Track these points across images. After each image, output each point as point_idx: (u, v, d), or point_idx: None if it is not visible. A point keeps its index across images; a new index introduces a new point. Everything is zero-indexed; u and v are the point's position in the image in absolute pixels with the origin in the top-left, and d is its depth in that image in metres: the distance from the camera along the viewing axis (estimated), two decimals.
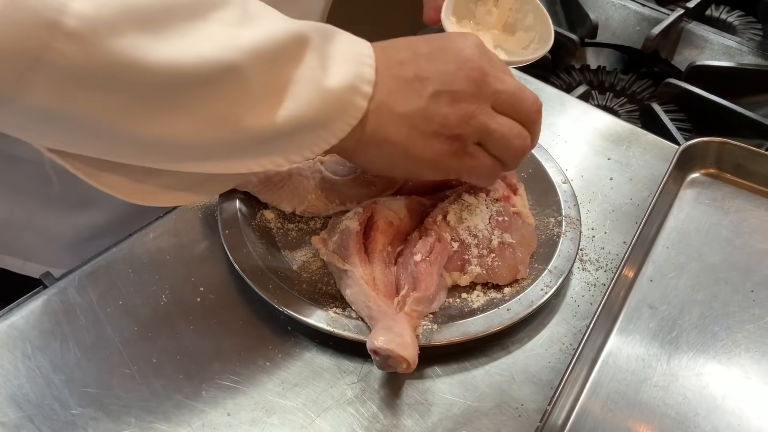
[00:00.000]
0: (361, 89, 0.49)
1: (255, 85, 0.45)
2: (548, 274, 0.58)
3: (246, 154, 0.48)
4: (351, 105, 0.49)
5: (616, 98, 0.95)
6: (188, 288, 0.57)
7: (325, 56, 0.48)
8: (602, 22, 1.01)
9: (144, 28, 0.40)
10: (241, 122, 0.45)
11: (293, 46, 0.46)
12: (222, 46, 0.43)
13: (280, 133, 0.47)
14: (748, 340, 0.58)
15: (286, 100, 0.46)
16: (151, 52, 0.40)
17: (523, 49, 0.71)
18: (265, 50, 0.45)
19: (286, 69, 0.46)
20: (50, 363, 0.52)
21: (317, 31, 0.48)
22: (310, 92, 0.47)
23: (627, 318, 0.59)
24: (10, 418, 0.49)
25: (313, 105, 0.47)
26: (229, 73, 0.43)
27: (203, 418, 0.50)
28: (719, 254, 0.65)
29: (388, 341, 0.49)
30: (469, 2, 0.71)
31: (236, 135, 0.46)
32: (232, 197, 0.61)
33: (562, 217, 0.63)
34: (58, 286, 0.57)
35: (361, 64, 0.49)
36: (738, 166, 0.72)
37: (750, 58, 0.98)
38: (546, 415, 0.49)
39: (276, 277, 0.56)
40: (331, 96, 0.48)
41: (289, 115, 0.46)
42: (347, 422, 0.50)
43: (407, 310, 0.53)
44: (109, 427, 0.49)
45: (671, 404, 0.53)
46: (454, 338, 0.53)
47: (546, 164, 0.68)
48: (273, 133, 0.47)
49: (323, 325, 0.53)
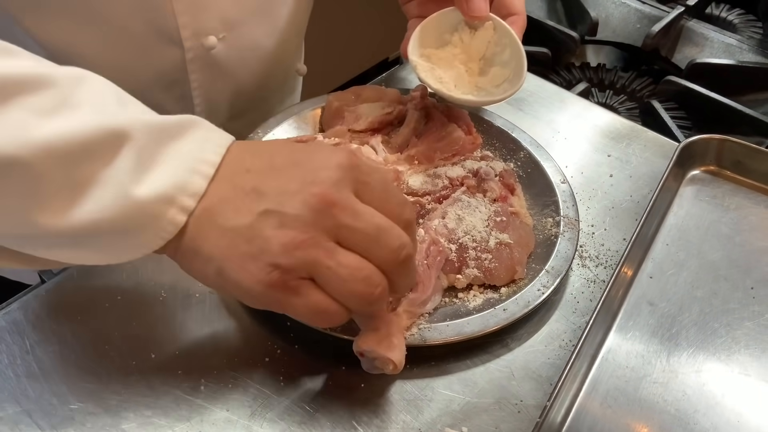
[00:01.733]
0: (178, 201, 0.43)
1: (47, 182, 0.41)
2: (545, 274, 0.58)
3: (60, 248, 0.44)
4: (163, 218, 0.43)
5: (616, 96, 0.95)
6: (187, 283, 0.57)
7: (146, 158, 0.43)
8: (602, 19, 1.01)
9: None
10: (32, 219, 0.41)
11: (102, 144, 0.42)
12: (11, 139, 0.39)
13: (82, 235, 0.43)
14: (747, 337, 0.58)
15: (85, 203, 0.42)
16: None
17: (495, 87, 0.66)
18: (61, 146, 0.40)
19: (90, 168, 0.42)
20: (48, 358, 0.52)
21: (150, 129, 0.43)
22: (114, 197, 0.42)
23: (626, 315, 0.59)
24: (8, 413, 0.48)
25: (113, 211, 0.42)
26: (16, 168, 0.40)
27: (202, 414, 0.50)
28: (719, 251, 0.65)
29: (374, 343, 0.49)
30: (444, 33, 0.67)
31: (33, 231, 0.42)
32: None
33: (560, 217, 0.63)
34: (56, 281, 0.56)
35: (192, 173, 0.44)
36: (738, 164, 0.72)
37: (750, 56, 0.98)
38: (545, 412, 0.49)
39: None
40: (137, 205, 0.42)
41: (84, 217, 0.42)
42: (346, 418, 0.50)
43: (399, 311, 0.53)
44: (108, 422, 0.49)
45: (671, 401, 0.53)
46: (449, 338, 0.53)
47: (544, 164, 0.68)
48: (71, 233, 0.42)
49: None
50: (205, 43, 0.65)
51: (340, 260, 0.43)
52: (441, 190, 0.63)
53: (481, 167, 0.64)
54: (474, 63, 0.67)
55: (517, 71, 0.64)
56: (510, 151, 0.70)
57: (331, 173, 0.44)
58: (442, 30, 0.67)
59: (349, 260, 0.44)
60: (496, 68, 0.66)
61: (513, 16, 0.65)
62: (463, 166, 0.65)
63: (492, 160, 0.67)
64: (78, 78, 0.43)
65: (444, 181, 0.63)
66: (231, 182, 0.45)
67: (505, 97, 0.64)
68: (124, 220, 0.42)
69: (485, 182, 0.63)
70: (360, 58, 1.91)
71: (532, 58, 0.91)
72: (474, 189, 0.63)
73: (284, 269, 0.43)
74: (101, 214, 0.42)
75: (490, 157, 0.67)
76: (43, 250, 0.45)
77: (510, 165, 0.68)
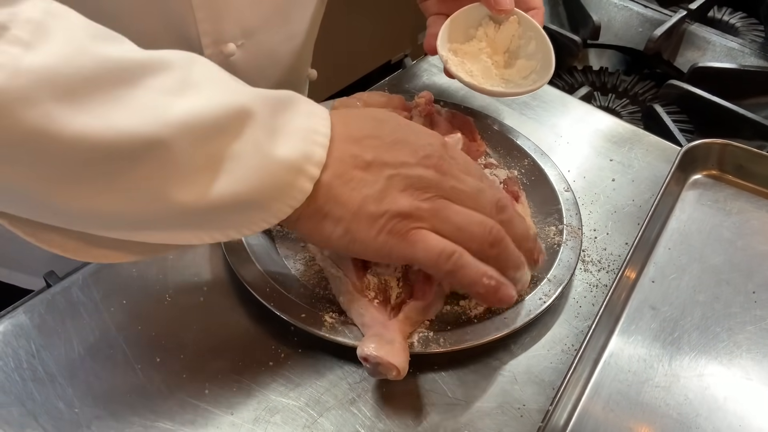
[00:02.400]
0: (306, 170, 0.46)
1: (185, 160, 0.42)
2: (547, 283, 0.58)
3: (180, 227, 0.46)
4: (293, 187, 0.46)
5: (618, 99, 0.95)
6: (192, 288, 0.58)
7: (270, 131, 0.45)
8: (604, 23, 1.02)
9: (62, 98, 0.38)
10: (170, 197, 0.43)
11: (232, 119, 0.44)
12: (148, 119, 0.40)
13: (213, 209, 0.44)
14: (749, 341, 0.58)
15: (221, 177, 0.44)
16: (70, 125, 0.38)
17: (523, 78, 0.68)
18: (196, 124, 0.42)
19: (222, 144, 0.44)
20: (54, 361, 0.52)
21: (266, 103, 0.46)
22: (249, 170, 0.44)
23: (629, 319, 0.59)
24: (14, 417, 0.49)
25: (250, 183, 0.44)
26: (155, 148, 0.41)
27: (207, 417, 0.50)
28: (721, 255, 0.65)
29: (377, 348, 0.49)
30: (469, 27, 0.69)
31: (167, 210, 0.44)
32: None
33: (563, 225, 0.63)
34: (62, 285, 0.57)
35: (312, 143, 0.47)
36: (740, 168, 0.72)
37: (752, 60, 0.98)
38: (548, 416, 0.49)
39: (273, 281, 0.56)
40: (271, 176, 0.45)
41: (223, 191, 0.44)
42: (350, 422, 0.51)
43: (401, 318, 0.53)
44: (113, 426, 0.49)
45: (673, 405, 0.54)
46: (449, 347, 0.53)
47: (548, 171, 0.68)
48: (206, 209, 0.44)
49: (318, 331, 0.53)
50: (224, 51, 0.65)
51: (457, 209, 0.50)
52: None
53: None
54: (499, 56, 0.69)
55: (545, 62, 0.67)
56: (514, 158, 0.70)
57: (435, 149, 0.51)
58: (468, 25, 0.69)
59: (464, 210, 0.50)
60: (522, 60, 0.68)
61: (533, 11, 0.68)
62: None
63: (496, 168, 0.67)
64: (189, 59, 0.45)
65: None
66: (347, 152, 0.49)
67: (535, 87, 0.66)
68: (259, 191, 0.45)
69: None
70: (362, 61, 1.91)
71: None
72: None
73: (410, 219, 0.49)
74: (238, 187, 0.44)
75: (494, 165, 0.67)
76: (161, 233, 0.46)
77: (514, 172, 0.68)
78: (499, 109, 0.79)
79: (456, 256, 0.49)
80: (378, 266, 0.56)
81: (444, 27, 0.68)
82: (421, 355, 0.53)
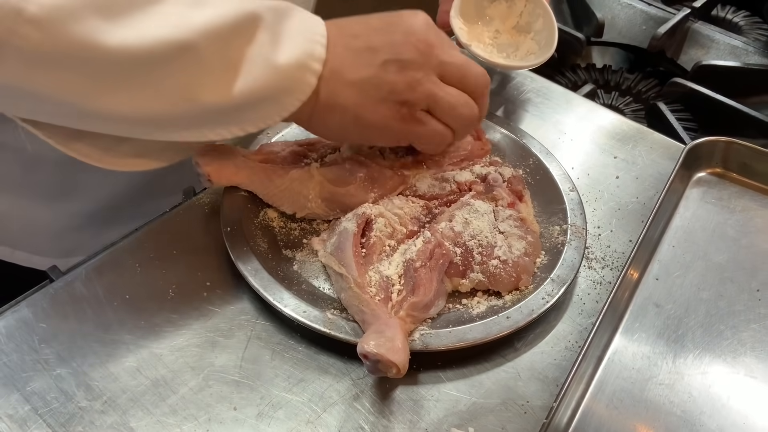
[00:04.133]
0: (310, 66, 0.52)
1: (209, 62, 0.48)
2: (551, 282, 0.58)
3: (203, 125, 0.52)
4: (301, 81, 0.52)
5: (621, 97, 0.95)
6: (194, 283, 0.58)
7: (277, 34, 0.51)
8: (608, 21, 1.01)
9: (103, 14, 0.44)
10: (197, 97, 0.49)
11: (245, 24, 0.49)
12: (177, 27, 0.46)
13: (235, 106, 0.51)
14: (753, 339, 0.58)
15: (240, 77, 0.50)
16: (110, 36, 0.44)
17: (527, 53, 0.73)
18: (217, 29, 0.48)
19: (239, 47, 0.49)
20: (57, 356, 0.52)
21: (271, 10, 0.51)
22: (262, 69, 0.50)
23: (633, 316, 0.59)
24: (17, 411, 0.49)
25: (264, 81, 0.50)
26: (185, 52, 0.47)
27: (210, 412, 0.50)
28: (725, 253, 0.65)
29: (378, 345, 0.49)
30: (481, 2, 0.75)
31: (194, 109, 0.50)
32: (235, 195, 0.61)
33: (567, 225, 0.63)
34: (65, 280, 0.57)
35: (312, 42, 0.52)
36: (744, 166, 0.72)
37: (756, 58, 0.98)
38: (552, 413, 0.49)
39: (275, 277, 0.56)
40: (282, 73, 0.51)
41: (242, 90, 0.50)
42: (353, 417, 0.51)
43: (402, 315, 0.52)
44: (117, 420, 0.49)
45: (677, 403, 0.54)
46: (452, 344, 0.53)
47: (554, 171, 0.68)
48: (228, 106, 0.50)
49: (320, 327, 0.53)
50: None
51: (448, 90, 0.55)
52: (448, 194, 0.63)
53: (489, 173, 0.64)
54: (508, 31, 0.76)
55: (549, 39, 0.72)
56: (519, 157, 0.70)
57: (423, 26, 0.55)
58: (478, 1, 0.75)
59: (453, 90, 0.56)
60: (530, 36, 0.75)
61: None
62: (472, 170, 0.65)
63: (501, 166, 0.67)
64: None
65: (452, 185, 0.63)
66: (343, 46, 0.54)
67: (537, 62, 0.72)
68: (272, 88, 0.51)
69: (494, 189, 0.63)
70: None
71: None
72: (482, 195, 0.63)
73: (411, 104, 0.55)
74: (254, 85, 0.50)
75: (499, 163, 0.67)
76: (187, 131, 0.52)
77: (519, 171, 0.68)
78: (504, 105, 0.79)
79: (449, 139, 0.58)
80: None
81: (456, 1, 0.72)
82: (421, 354, 0.52)
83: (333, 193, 0.61)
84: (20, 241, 0.75)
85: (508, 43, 0.76)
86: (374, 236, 0.58)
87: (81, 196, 0.72)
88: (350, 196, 0.61)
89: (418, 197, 0.63)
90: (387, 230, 0.59)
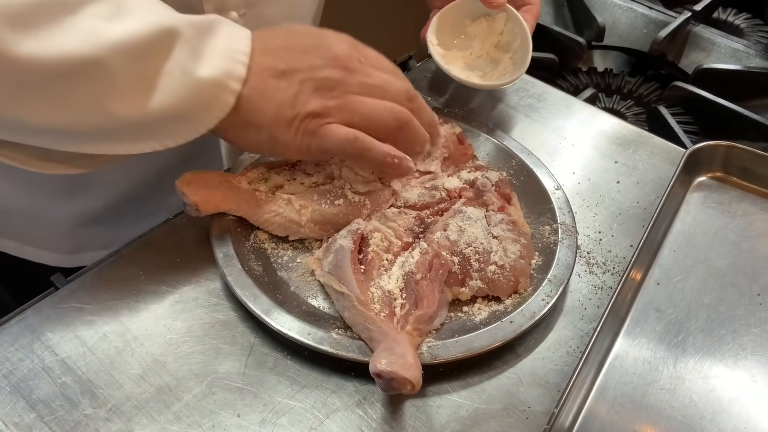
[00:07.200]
0: (228, 85, 0.52)
1: (120, 77, 0.48)
2: (548, 283, 0.58)
3: (120, 138, 0.52)
4: (218, 100, 0.52)
5: (623, 101, 0.95)
6: (198, 291, 0.58)
7: (197, 50, 0.51)
8: (609, 24, 1.02)
9: (14, 24, 0.44)
10: (110, 111, 0.49)
11: (162, 40, 0.49)
12: (87, 42, 0.46)
13: (151, 121, 0.51)
14: (754, 343, 0.58)
15: (155, 92, 0.50)
16: (18, 48, 0.44)
17: (504, 72, 0.74)
18: (130, 44, 0.48)
19: (154, 62, 0.49)
20: (62, 364, 0.52)
21: (192, 26, 0.51)
22: (179, 85, 0.50)
23: (634, 321, 0.60)
24: (22, 419, 0.49)
25: (181, 97, 0.50)
26: (93, 67, 0.47)
27: (213, 419, 0.50)
28: (726, 258, 0.65)
29: (390, 363, 0.48)
30: (464, 18, 0.75)
31: (108, 123, 0.50)
32: (223, 219, 0.60)
33: (557, 224, 0.63)
34: (69, 288, 0.57)
35: (233, 61, 0.52)
36: (745, 170, 0.72)
37: (757, 61, 0.98)
38: (553, 418, 0.49)
39: (275, 301, 0.55)
40: (199, 90, 0.51)
41: (157, 105, 0.50)
42: (355, 424, 0.51)
43: (409, 329, 0.52)
44: (121, 428, 0.49)
45: (678, 407, 0.54)
46: (459, 354, 0.53)
47: (537, 171, 0.68)
48: (143, 121, 0.50)
49: (327, 348, 0.52)
50: None
51: (364, 101, 0.55)
52: (439, 202, 0.63)
53: (477, 178, 0.64)
54: (486, 49, 0.76)
55: (522, 59, 0.72)
56: (501, 159, 0.70)
57: (344, 49, 0.56)
58: (461, 17, 0.75)
59: (371, 100, 0.55)
60: (508, 55, 0.75)
61: (528, 6, 0.73)
62: (459, 177, 0.65)
63: (487, 170, 0.67)
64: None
65: (441, 192, 0.64)
66: (264, 65, 0.54)
67: (507, 82, 0.73)
68: (188, 104, 0.51)
69: (483, 194, 0.63)
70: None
71: (539, 63, 0.92)
72: (473, 201, 0.63)
73: (320, 117, 0.54)
74: (169, 101, 0.50)
75: (484, 167, 0.68)
76: (106, 144, 0.52)
77: (503, 174, 0.68)
78: (504, 110, 0.79)
79: (359, 141, 0.55)
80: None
81: (435, 18, 0.72)
82: (428, 366, 0.52)
83: (325, 215, 0.60)
84: (29, 237, 0.76)
85: (485, 62, 0.76)
86: (371, 251, 0.57)
87: (89, 193, 0.73)
88: (343, 215, 0.61)
89: (409, 208, 0.62)
90: (383, 244, 0.58)
